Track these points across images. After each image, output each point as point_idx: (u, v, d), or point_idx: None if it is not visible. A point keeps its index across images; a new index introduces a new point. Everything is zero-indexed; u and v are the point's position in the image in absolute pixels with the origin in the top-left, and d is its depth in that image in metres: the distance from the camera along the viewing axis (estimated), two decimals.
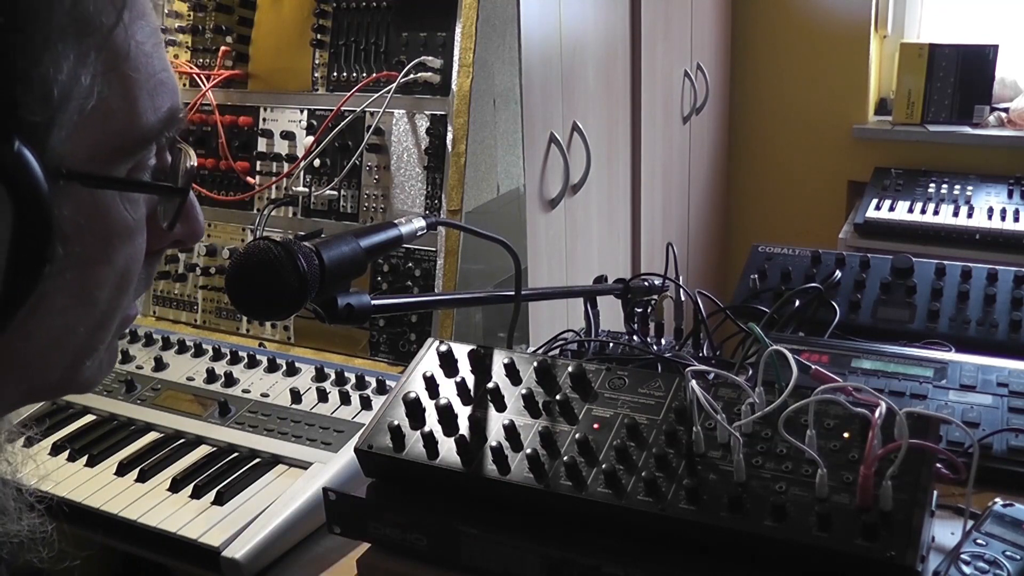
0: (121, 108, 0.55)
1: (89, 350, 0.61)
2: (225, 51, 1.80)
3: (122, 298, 0.61)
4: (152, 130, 0.58)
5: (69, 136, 0.52)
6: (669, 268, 1.43)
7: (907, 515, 0.83)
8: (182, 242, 0.67)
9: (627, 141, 2.70)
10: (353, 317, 0.93)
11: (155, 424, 1.47)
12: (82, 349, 0.60)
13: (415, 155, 1.62)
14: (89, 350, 0.61)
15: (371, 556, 1.03)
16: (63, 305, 0.56)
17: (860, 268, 1.58)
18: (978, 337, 1.43)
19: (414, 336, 1.59)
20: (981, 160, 3.16)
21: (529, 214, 2.13)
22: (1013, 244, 2.80)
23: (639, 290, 1.43)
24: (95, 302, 0.58)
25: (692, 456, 0.93)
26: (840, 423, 0.92)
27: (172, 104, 0.59)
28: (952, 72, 3.21)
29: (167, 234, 0.64)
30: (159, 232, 0.63)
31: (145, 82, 0.56)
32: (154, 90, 0.57)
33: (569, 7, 2.26)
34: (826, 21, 3.40)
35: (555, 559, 0.92)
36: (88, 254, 0.56)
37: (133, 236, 0.59)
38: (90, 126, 0.53)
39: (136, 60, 0.55)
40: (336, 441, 1.35)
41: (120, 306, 0.61)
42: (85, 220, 0.54)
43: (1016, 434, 1.12)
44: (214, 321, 1.81)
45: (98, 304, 0.58)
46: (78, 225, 0.54)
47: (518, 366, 1.06)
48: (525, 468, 0.95)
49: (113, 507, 1.28)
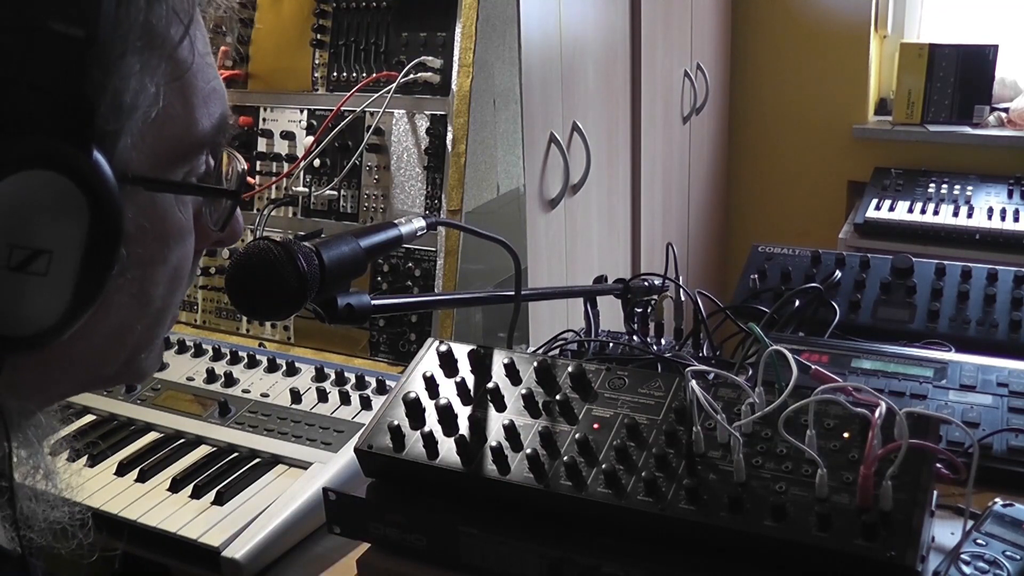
0: (180, 115, 0.58)
1: (145, 345, 0.64)
2: (225, 51, 1.80)
3: (176, 295, 0.64)
4: (207, 136, 0.60)
5: (135, 142, 0.54)
6: (669, 268, 1.43)
7: (907, 515, 0.83)
8: (223, 242, 0.70)
9: (627, 141, 2.70)
10: (353, 317, 0.93)
11: (155, 424, 1.47)
12: (139, 345, 0.63)
13: (415, 155, 1.62)
14: (145, 345, 0.64)
15: (371, 556, 1.03)
16: (123, 304, 0.58)
17: (860, 268, 1.58)
18: (978, 337, 1.43)
19: (414, 336, 1.59)
20: (981, 160, 3.16)
21: (529, 214, 2.13)
22: (1013, 244, 2.80)
23: (639, 290, 1.43)
24: (152, 300, 0.61)
25: (692, 456, 0.93)
26: (840, 423, 0.92)
27: (223, 110, 0.62)
28: (952, 72, 3.21)
29: (212, 233, 0.67)
30: (205, 232, 0.66)
31: (201, 90, 0.59)
32: (208, 97, 0.60)
33: (569, 7, 2.26)
34: (826, 21, 3.40)
35: (555, 559, 0.92)
36: (147, 255, 0.58)
37: (185, 237, 0.62)
38: (153, 132, 0.56)
39: (196, 70, 0.58)
40: (336, 441, 1.35)
41: (173, 303, 0.64)
42: (147, 222, 0.57)
43: (1016, 434, 1.12)
44: (214, 321, 1.81)
45: (154, 302, 0.61)
46: (140, 227, 0.56)
47: (518, 366, 1.06)
48: (525, 468, 0.95)
49: (113, 507, 1.28)
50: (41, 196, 0.48)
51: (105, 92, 0.51)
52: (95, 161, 0.50)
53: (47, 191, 0.48)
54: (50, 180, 0.48)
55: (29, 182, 0.48)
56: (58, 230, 0.50)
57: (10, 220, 0.48)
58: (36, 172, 0.48)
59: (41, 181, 0.48)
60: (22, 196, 0.48)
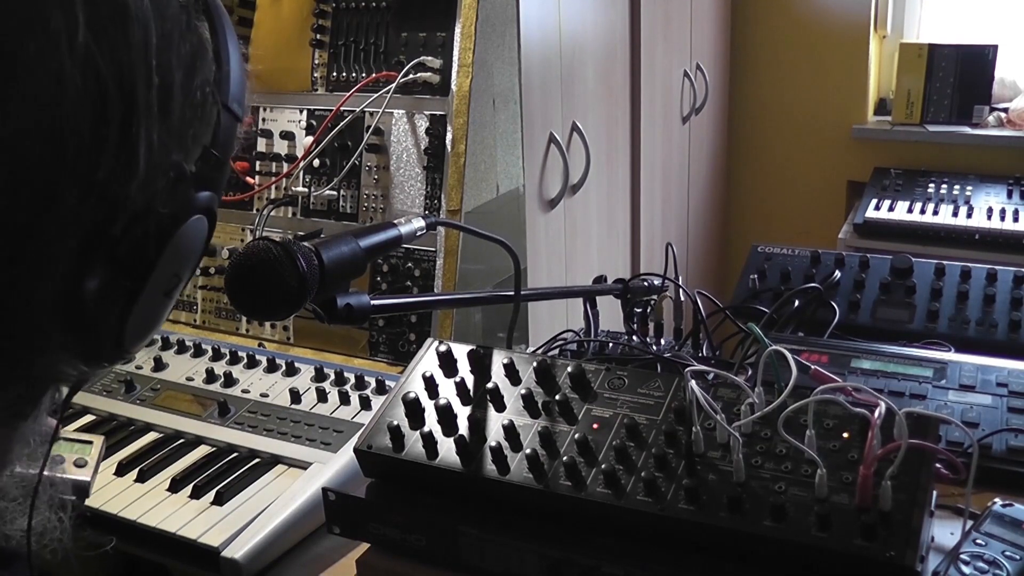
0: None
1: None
2: None
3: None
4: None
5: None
6: (669, 268, 1.43)
7: (906, 515, 0.83)
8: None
9: (627, 141, 2.70)
10: (353, 317, 0.93)
11: (155, 424, 1.47)
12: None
13: (415, 155, 1.62)
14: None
15: (371, 556, 1.03)
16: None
17: (860, 268, 1.58)
18: (978, 337, 1.43)
19: (414, 336, 1.59)
20: (981, 160, 3.16)
21: (528, 214, 2.13)
22: (1013, 244, 2.80)
23: (639, 290, 1.43)
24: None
25: (691, 456, 0.93)
26: (840, 423, 0.92)
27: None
28: (952, 72, 3.21)
29: None
30: None
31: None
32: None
33: (569, 7, 2.25)
34: (826, 21, 3.40)
35: (555, 559, 0.92)
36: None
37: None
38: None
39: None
40: (336, 441, 1.35)
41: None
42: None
43: (1016, 434, 1.12)
44: (214, 321, 1.81)
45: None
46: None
47: (517, 366, 1.06)
48: (524, 468, 0.95)
49: (113, 507, 1.28)
50: (198, 233, 0.59)
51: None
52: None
53: (200, 228, 0.59)
54: (202, 222, 0.59)
55: (197, 224, 0.58)
56: (190, 261, 0.60)
57: (182, 253, 0.58)
58: (200, 217, 0.58)
59: (202, 224, 0.59)
60: (191, 234, 0.58)
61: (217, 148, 0.59)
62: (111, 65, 0.49)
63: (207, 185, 0.58)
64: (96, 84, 0.49)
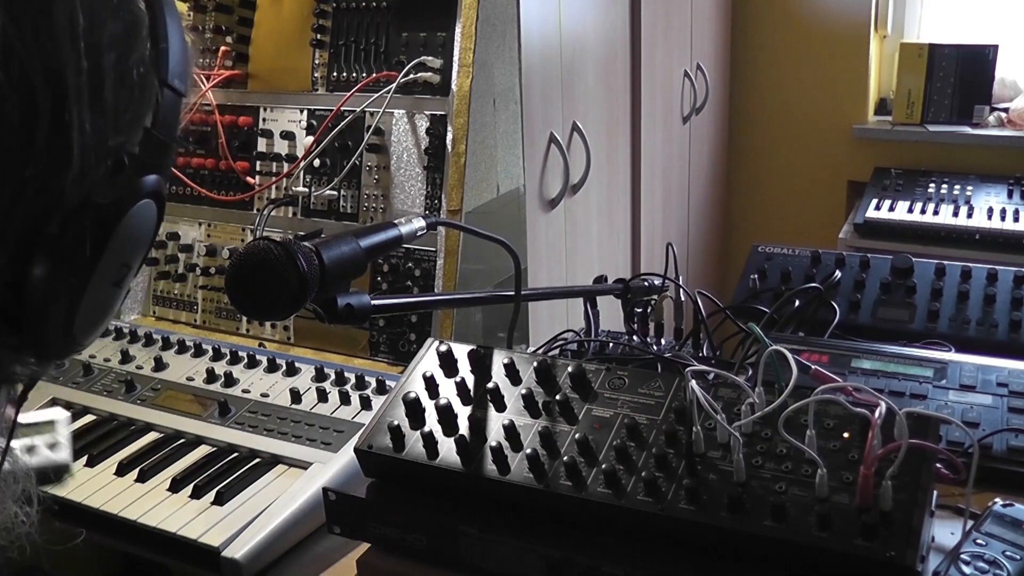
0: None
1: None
2: (225, 51, 1.80)
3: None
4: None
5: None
6: (669, 268, 1.43)
7: (907, 515, 0.83)
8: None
9: (627, 141, 2.70)
10: (353, 317, 0.93)
11: (155, 424, 1.47)
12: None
13: (415, 155, 1.62)
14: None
15: (371, 556, 1.03)
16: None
17: (860, 268, 1.58)
18: (978, 337, 1.43)
19: (414, 336, 1.59)
20: (981, 160, 3.16)
21: (529, 214, 2.13)
22: (1013, 244, 2.80)
23: (639, 290, 1.43)
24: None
25: (692, 456, 0.93)
26: (840, 423, 0.92)
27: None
28: (952, 72, 3.21)
29: None
30: None
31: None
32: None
33: (569, 7, 2.25)
34: (826, 21, 3.40)
35: (555, 559, 0.92)
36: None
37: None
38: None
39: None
40: (336, 441, 1.35)
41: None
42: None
43: (1016, 434, 1.12)
44: (214, 321, 1.81)
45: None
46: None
47: (518, 366, 1.06)
48: (525, 468, 0.95)
49: (113, 507, 1.28)
50: (146, 220, 0.57)
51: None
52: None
53: (148, 215, 0.57)
54: (150, 207, 0.57)
55: (144, 210, 0.56)
56: (139, 249, 0.58)
57: (129, 242, 0.56)
58: (147, 202, 0.56)
59: (150, 209, 0.57)
60: (137, 222, 0.56)
61: (159, 128, 0.56)
62: (35, 53, 0.47)
63: (152, 168, 0.56)
64: (20, 75, 0.46)
